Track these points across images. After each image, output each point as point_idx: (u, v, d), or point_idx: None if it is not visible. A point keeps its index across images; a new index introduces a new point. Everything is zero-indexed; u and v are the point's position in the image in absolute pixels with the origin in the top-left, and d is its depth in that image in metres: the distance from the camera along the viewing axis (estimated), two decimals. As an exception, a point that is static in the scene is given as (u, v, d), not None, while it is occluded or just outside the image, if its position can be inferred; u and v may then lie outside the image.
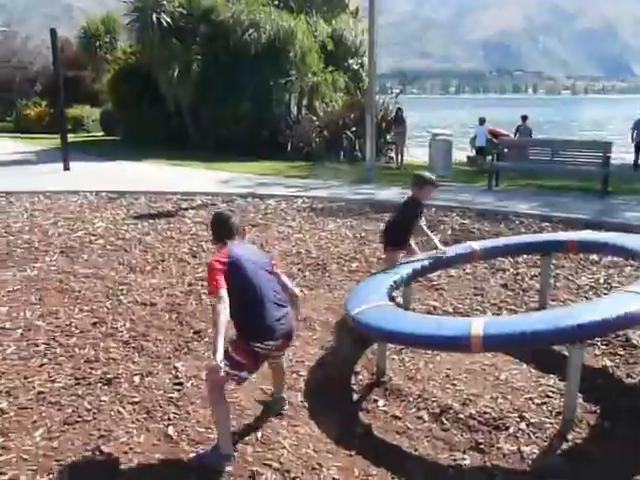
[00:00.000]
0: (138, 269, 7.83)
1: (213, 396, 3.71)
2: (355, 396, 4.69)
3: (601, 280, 7.18)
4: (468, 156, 20.50)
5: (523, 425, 4.16)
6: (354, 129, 20.03)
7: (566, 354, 4.15)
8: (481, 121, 18.75)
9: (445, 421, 4.25)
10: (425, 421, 4.28)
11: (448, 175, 15.43)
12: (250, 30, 20.71)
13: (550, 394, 4.55)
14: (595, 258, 7.94)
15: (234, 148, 19.98)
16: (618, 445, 3.95)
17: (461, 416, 4.28)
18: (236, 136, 20.61)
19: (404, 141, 19.26)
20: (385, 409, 4.45)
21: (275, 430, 4.10)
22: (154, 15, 20.25)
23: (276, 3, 23.29)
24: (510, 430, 4.11)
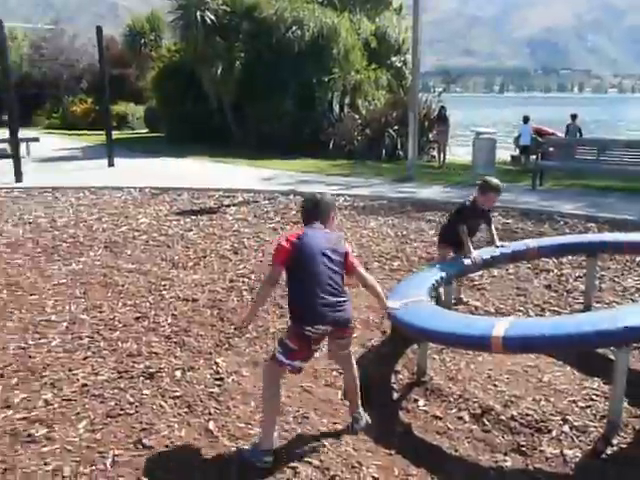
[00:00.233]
0: (180, 265, 7.91)
1: (269, 389, 3.76)
2: (395, 395, 4.67)
3: (648, 282, 7.03)
4: (512, 155, 20.24)
5: (566, 428, 4.09)
6: (396, 127, 19.94)
7: (611, 357, 4.07)
8: (525, 120, 18.51)
9: (486, 422, 4.20)
10: (466, 422, 4.24)
11: (491, 174, 15.22)
12: (293, 27, 20.75)
13: (594, 397, 4.47)
14: (642, 260, 7.79)
15: (276, 146, 19.98)
16: (665, 451, 3.85)
17: (502, 417, 4.23)
18: (278, 134, 20.63)
19: (447, 140, 19.13)
20: (425, 409, 4.42)
21: (315, 427, 4.09)
22: (198, 13, 20.39)
23: (320, 0, 23.27)
24: (553, 433, 4.05)
